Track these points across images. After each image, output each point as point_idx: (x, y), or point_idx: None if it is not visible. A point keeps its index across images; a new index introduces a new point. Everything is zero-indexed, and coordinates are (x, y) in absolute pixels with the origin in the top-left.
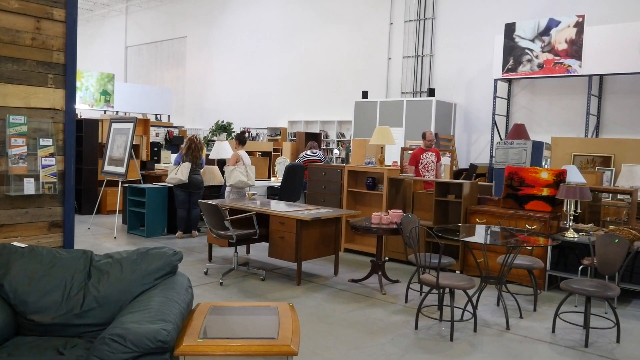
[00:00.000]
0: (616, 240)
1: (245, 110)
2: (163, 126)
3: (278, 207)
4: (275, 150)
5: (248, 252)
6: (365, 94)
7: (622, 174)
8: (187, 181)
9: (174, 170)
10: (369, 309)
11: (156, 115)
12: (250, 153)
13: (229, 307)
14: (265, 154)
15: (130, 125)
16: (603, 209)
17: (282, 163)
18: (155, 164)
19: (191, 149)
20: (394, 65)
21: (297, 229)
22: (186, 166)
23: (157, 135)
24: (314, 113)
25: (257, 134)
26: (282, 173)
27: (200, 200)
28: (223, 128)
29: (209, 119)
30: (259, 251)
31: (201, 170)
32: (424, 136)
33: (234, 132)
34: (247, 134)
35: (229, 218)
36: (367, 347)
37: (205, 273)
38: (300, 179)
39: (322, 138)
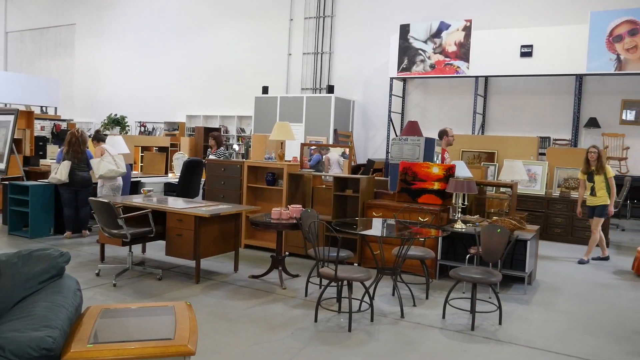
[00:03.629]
0: (498, 230)
1: (141, 104)
2: (49, 119)
3: (176, 203)
4: (172, 145)
5: (144, 251)
6: (265, 89)
7: (504, 169)
8: (67, 181)
9: (55, 169)
10: (270, 305)
11: (41, 107)
12: (146, 148)
13: (122, 309)
14: (162, 149)
15: (11, 118)
16: (487, 202)
17: (180, 159)
18: (41, 160)
19: (72, 143)
20: (294, 62)
21: (196, 226)
22: (65, 165)
23: (42, 128)
24: (213, 108)
25: (153, 129)
26: (180, 169)
27: (90, 198)
28: (116, 122)
29: (101, 112)
30: (156, 250)
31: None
32: (446, 134)
33: (128, 126)
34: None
35: (122, 216)
36: (267, 343)
37: (97, 274)
38: (199, 175)
39: (222, 133)
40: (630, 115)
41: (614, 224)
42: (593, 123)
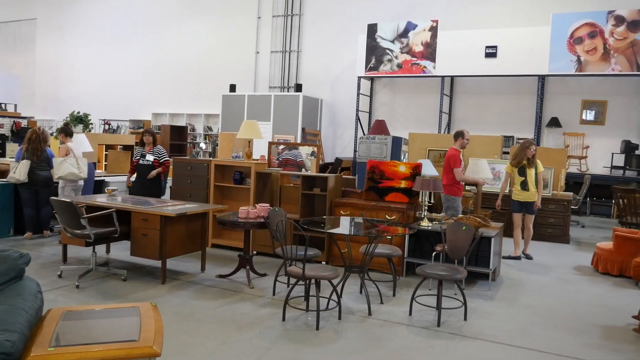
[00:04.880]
0: (463, 228)
1: (105, 101)
2: (9, 116)
3: (141, 203)
4: (138, 143)
5: (108, 251)
6: (233, 88)
7: (469, 167)
8: (25, 180)
9: (14, 168)
10: (237, 304)
11: (1, 104)
12: (110, 147)
13: (85, 311)
14: (127, 148)
15: None
16: None
17: None
18: (0, 158)
19: (32, 141)
20: (262, 60)
21: (161, 226)
22: (24, 164)
23: (1, 126)
24: (179, 105)
25: (118, 127)
26: None
27: (52, 198)
28: (79, 119)
29: (63, 110)
30: (121, 250)
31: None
32: (461, 135)
33: (91, 124)
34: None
35: (85, 216)
36: (234, 342)
37: (59, 276)
38: (165, 173)
39: (189, 131)
40: (589, 115)
41: (575, 221)
42: (554, 122)
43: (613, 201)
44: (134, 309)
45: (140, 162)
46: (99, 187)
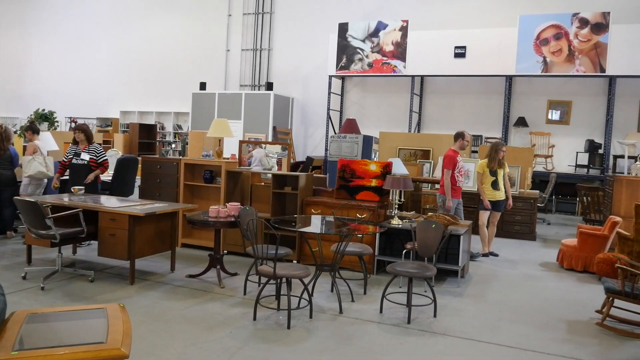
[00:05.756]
0: (433, 226)
1: (71, 98)
2: None
3: (109, 202)
4: (105, 142)
5: (75, 252)
6: (203, 86)
7: (439, 166)
8: None
9: None
10: (207, 304)
11: None
12: None
13: (51, 314)
14: None
15: None
16: (423, 198)
17: (113, 156)
18: None
19: None
20: (233, 58)
21: (130, 225)
22: None
23: None
24: (148, 103)
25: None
26: (114, 166)
27: (15, 197)
28: (44, 117)
29: (27, 107)
30: (88, 250)
31: (18, 166)
32: (461, 136)
33: (57, 122)
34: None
35: (51, 216)
36: (204, 343)
37: (24, 278)
38: (134, 172)
39: (158, 130)
40: (555, 115)
41: (541, 218)
42: (522, 122)
43: (577, 199)
44: (101, 310)
45: (74, 161)
46: (64, 186)
